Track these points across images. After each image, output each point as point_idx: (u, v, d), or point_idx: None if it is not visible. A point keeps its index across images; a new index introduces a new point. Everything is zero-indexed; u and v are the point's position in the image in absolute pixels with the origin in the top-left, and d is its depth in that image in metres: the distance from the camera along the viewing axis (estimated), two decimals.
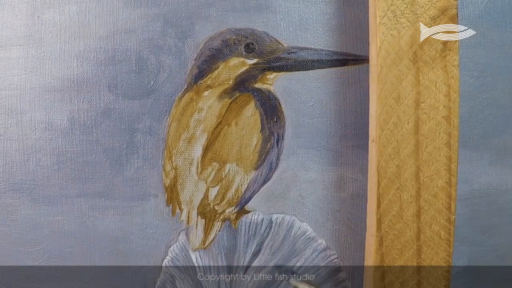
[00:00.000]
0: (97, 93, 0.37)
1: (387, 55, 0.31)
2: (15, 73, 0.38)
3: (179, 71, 0.37)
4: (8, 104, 0.38)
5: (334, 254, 0.38)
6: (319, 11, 0.37)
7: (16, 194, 0.38)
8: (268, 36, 0.37)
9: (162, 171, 0.38)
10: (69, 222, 0.38)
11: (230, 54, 0.37)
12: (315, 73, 0.37)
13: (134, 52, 0.37)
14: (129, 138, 0.37)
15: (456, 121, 0.31)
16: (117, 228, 0.38)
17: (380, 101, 0.31)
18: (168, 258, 0.38)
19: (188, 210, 0.38)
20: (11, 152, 0.38)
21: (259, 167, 0.37)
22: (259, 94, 0.37)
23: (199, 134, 0.37)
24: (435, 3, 0.31)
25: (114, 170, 0.38)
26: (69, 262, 0.38)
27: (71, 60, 0.37)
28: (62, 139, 0.38)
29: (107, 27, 0.37)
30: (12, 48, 0.37)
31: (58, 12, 0.37)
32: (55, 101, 0.37)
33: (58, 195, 0.38)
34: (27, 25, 0.37)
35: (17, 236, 0.38)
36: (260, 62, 0.37)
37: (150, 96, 0.37)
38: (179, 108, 0.37)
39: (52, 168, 0.38)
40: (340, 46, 0.37)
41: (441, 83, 0.31)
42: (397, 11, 0.31)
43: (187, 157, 0.37)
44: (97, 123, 0.37)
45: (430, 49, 0.31)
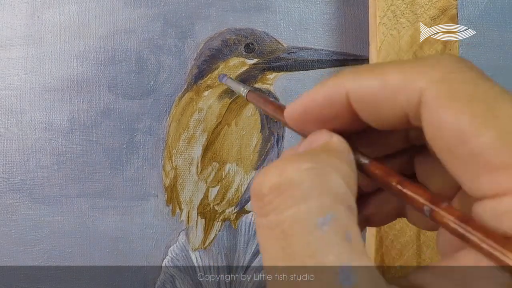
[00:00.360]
0: (97, 93, 0.37)
1: (387, 55, 0.31)
2: (15, 73, 0.38)
3: (179, 71, 0.37)
4: (8, 104, 0.38)
5: None
6: (319, 11, 0.37)
7: (16, 194, 0.38)
8: (268, 36, 0.37)
9: (162, 171, 0.38)
10: (69, 222, 0.38)
11: (230, 54, 0.37)
12: (315, 73, 0.37)
13: (134, 52, 0.37)
14: (129, 138, 0.37)
15: None
16: (117, 228, 0.38)
17: None
18: (168, 258, 0.38)
19: (188, 210, 0.38)
20: (11, 152, 0.38)
21: (259, 167, 0.37)
22: None
23: (199, 134, 0.37)
24: (435, 3, 0.31)
25: (114, 170, 0.38)
26: (69, 262, 0.38)
27: (71, 60, 0.37)
28: (62, 139, 0.38)
29: (107, 27, 0.37)
30: (12, 48, 0.37)
31: (58, 12, 0.37)
32: (55, 101, 0.37)
33: (58, 195, 0.38)
34: (27, 25, 0.37)
35: (17, 236, 0.38)
36: (260, 62, 0.37)
37: (150, 96, 0.37)
38: (179, 108, 0.37)
39: (52, 168, 0.38)
40: (340, 46, 0.37)
41: None
42: (397, 11, 0.31)
43: (187, 157, 0.37)
44: (97, 123, 0.37)
45: (430, 49, 0.31)
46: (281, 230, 0.12)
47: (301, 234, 0.12)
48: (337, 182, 0.13)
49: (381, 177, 0.15)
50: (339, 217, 0.12)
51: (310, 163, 0.13)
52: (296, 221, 0.12)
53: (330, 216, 0.12)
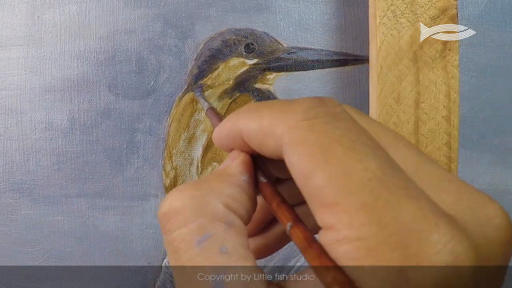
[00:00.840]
0: (97, 93, 0.37)
1: (387, 55, 0.31)
2: (15, 73, 0.38)
3: (179, 71, 0.37)
4: (8, 104, 0.38)
5: None
6: (319, 11, 0.37)
7: (16, 194, 0.38)
8: (268, 36, 0.37)
9: (162, 171, 0.38)
10: (69, 222, 0.38)
11: (230, 54, 0.37)
12: (315, 73, 0.37)
13: (134, 52, 0.37)
14: (129, 138, 0.37)
15: (456, 121, 0.31)
16: (117, 228, 0.38)
17: (380, 101, 0.31)
18: (168, 258, 0.38)
19: None
20: (11, 152, 0.38)
21: None
22: (259, 94, 0.37)
23: (199, 134, 0.37)
24: (435, 3, 0.31)
25: (114, 170, 0.38)
26: (69, 262, 0.38)
27: (71, 60, 0.37)
28: (62, 139, 0.38)
29: (107, 27, 0.37)
30: (12, 48, 0.37)
31: (58, 12, 0.37)
32: (55, 101, 0.37)
33: (58, 195, 0.38)
34: (27, 25, 0.37)
35: (17, 236, 0.38)
36: (260, 62, 0.37)
37: (150, 96, 0.37)
38: (180, 108, 0.37)
39: (52, 168, 0.38)
40: (340, 46, 0.37)
41: (441, 83, 0.31)
42: (397, 11, 0.31)
43: (187, 157, 0.37)
44: (97, 123, 0.37)
45: (430, 49, 0.31)
46: (173, 246, 0.15)
47: (184, 250, 0.15)
48: (214, 205, 0.16)
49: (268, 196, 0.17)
50: (215, 234, 0.15)
51: (191, 191, 0.16)
52: (180, 241, 0.15)
53: (207, 234, 0.15)
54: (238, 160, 0.18)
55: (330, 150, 0.14)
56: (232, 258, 0.15)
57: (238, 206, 0.16)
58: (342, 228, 0.13)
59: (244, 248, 0.15)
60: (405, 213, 0.13)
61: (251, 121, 0.17)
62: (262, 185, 0.18)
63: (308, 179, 0.14)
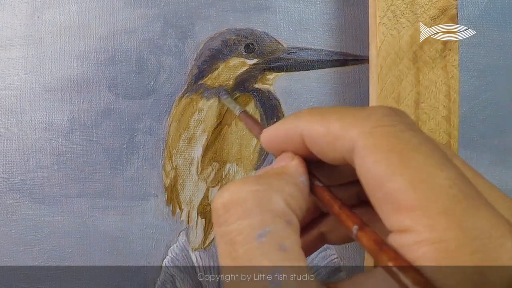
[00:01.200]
0: (97, 93, 0.37)
1: (387, 55, 0.31)
2: (15, 73, 0.38)
3: (179, 71, 0.37)
4: (8, 104, 0.38)
5: (334, 254, 0.38)
6: (319, 11, 0.37)
7: (16, 194, 0.38)
8: (268, 36, 0.37)
9: (162, 171, 0.38)
10: (69, 222, 0.38)
11: (230, 54, 0.37)
12: (315, 73, 0.37)
13: (134, 52, 0.37)
14: (129, 138, 0.37)
15: (456, 121, 0.31)
16: (117, 228, 0.38)
17: (380, 101, 0.31)
18: (168, 258, 0.38)
19: (188, 210, 0.38)
20: (11, 152, 0.38)
21: (259, 167, 0.37)
22: (259, 94, 0.37)
23: (199, 134, 0.37)
24: (435, 3, 0.31)
25: (114, 170, 0.38)
26: (69, 262, 0.38)
27: (71, 60, 0.37)
28: (62, 139, 0.38)
29: (107, 27, 0.37)
30: (12, 48, 0.37)
31: (58, 12, 0.37)
32: (55, 101, 0.37)
33: (58, 195, 0.38)
34: (27, 25, 0.37)
35: (17, 236, 0.38)
36: (260, 62, 0.37)
37: (150, 96, 0.37)
38: (179, 108, 0.37)
39: (52, 168, 0.38)
40: (340, 46, 0.37)
41: (441, 83, 0.31)
42: (397, 11, 0.31)
43: (187, 157, 0.37)
44: (97, 123, 0.37)
45: (430, 49, 0.31)
46: (229, 238, 0.15)
47: (242, 243, 0.15)
48: (277, 201, 0.16)
49: (326, 200, 0.18)
50: (275, 230, 0.15)
51: (255, 185, 0.16)
52: (239, 233, 0.15)
53: (268, 229, 0.15)
54: (297, 160, 0.18)
55: (410, 156, 0.15)
56: (290, 256, 0.15)
57: (296, 206, 0.17)
58: (422, 230, 0.14)
59: (300, 248, 0.16)
60: (483, 220, 0.14)
61: (317, 124, 0.17)
62: (318, 189, 0.18)
63: (386, 182, 0.15)
